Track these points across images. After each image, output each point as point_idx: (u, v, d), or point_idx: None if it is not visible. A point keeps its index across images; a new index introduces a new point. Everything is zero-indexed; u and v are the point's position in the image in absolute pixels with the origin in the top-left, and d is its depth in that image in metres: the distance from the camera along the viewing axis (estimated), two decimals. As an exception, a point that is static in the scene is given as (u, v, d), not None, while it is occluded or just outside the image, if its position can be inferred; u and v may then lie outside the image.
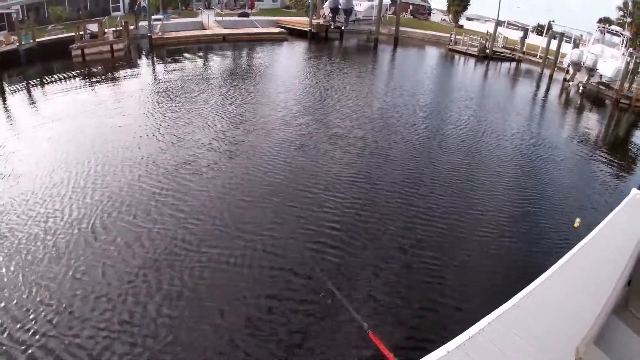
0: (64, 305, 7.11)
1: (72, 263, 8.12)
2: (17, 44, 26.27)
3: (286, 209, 10.43)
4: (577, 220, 10.83)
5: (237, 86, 22.18)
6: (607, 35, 30.44)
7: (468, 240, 9.81)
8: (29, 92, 20.73)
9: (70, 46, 27.96)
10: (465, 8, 55.67)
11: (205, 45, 34.97)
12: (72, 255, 8.37)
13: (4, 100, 19.33)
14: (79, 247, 8.63)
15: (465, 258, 9.15)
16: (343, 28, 41.39)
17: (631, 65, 26.75)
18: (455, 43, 39.45)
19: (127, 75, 24.64)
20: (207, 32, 38.02)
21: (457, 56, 37.79)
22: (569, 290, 4.92)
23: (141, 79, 23.95)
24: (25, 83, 22.44)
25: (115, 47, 30.08)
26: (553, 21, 40.01)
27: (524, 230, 10.47)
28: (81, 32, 28.83)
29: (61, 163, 12.43)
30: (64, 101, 18.74)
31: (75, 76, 23.85)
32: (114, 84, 22.54)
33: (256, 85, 22.80)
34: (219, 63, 29.55)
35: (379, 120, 17.52)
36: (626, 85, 26.66)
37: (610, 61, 27.59)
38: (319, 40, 40.31)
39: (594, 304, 4.41)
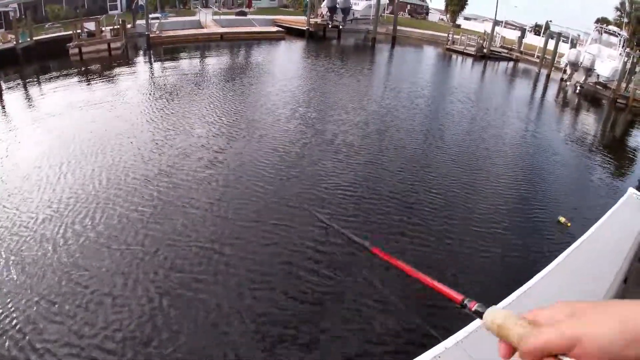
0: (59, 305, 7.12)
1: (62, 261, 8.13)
2: (15, 42, 26.21)
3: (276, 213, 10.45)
4: (561, 218, 10.90)
5: (234, 85, 22.16)
6: (605, 36, 30.51)
7: (463, 240, 9.79)
8: (26, 91, 20.71)
9: (68, 44, 27.91)
10: (462, 7, 55.83)
11: (203, 44, 34.93)
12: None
13: (1, 98, 19.31)
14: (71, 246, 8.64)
15: (461, 257, 9.16)
16: (341, 27, 41.36)
17: (628, 65, 26.89)
18: (453, 43, 39.48)
19: (125, 74, 24.62)
20: (205, 30, 38.00)
21: (454, 56, 37.83)
22: (566, 287, 4.91)
23: (138, 78, 23.95)
24: (22, 81, 22.40)
25: (112, 45, 30.04)
26: (551, 21, 40.13)
27: (519, 229, 10.48)
28: (78, 31, 28.76)
29: (56, 159, 12.43)
30: (61, 99, 18.70)
31: (72, 75, 23.82)
32: (111, 82, 22.52)
33: (253, 84, 22.77)
34: (216, 62, 29.54)
35: (375, 122, 17.36)
36: (623, 85, 26.77)
37: (607, 61, 27.71)
38: (316, 39, 40.33)
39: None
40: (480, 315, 1.06)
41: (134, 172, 11.81)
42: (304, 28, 40.76)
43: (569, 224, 10.68)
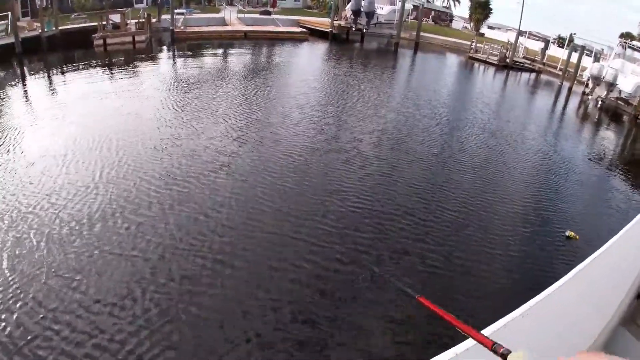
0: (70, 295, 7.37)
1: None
2: (40, 30, 26.69)
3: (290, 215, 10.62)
4: (570, 232, 10.89)
5: (254, 84, 22.36)
6: (629, 51, 30.19)
7: (477, 250, 9.85)
8: (50, 78, 21.12)
9: (93, 35, 28.34)
10: (487, 16, 55.57)
11: (227, 41, 35.25)
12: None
13: (25, 85, 19.73)
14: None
15: (474, 267, 9.22)
16: (364, 31, 41.51)
17: (651, 82, 26.62)
18: (476, 51, 39.36)
19: (148, 67, 25.01)
20: (229, 28, 38.34)
21: (477, 64, 37.70)
22: (577, 300, 4.86)
23: (161, 71, 24.28)
24: (46, 69, 22.83)
25: (137, 38, 30.43)
26: (574, 34, 39.85)
27: (534, 242, 10.49)
28: (104, 22, 29.20)
29: (75, 147, 12.79)
30: (83, 88, 19.10)
31: (96, 65, 24.22)
32: (134, 74, 22.88)
33: (273, 84, 22.99)
34: (238, 60, 29.80)
35: (392, 131, 17.29)
36: (646, 102, 26.55)
37: (630, 77, 27.42)
38: (339, 42, 40.49)
39: (602, 315, 4.47)
40: (504, 357, 1.35)
41: (148, 165, 12.08)
42: (328, 30, 40.97)
43: (577, 237, 10.70)
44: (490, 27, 56.41)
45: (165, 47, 32.21)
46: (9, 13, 25.16)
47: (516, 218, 11.52)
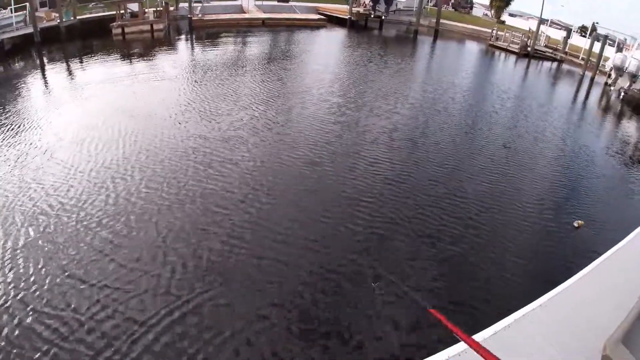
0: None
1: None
2: (58, 20, 26.97)
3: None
4: (579, 221, 10.93)
5: (272, 71, 22.46)
6: (653, 41, 29.65)
7: (498, 240, 9.97)
8: (69, 67, 21.38)
9: (111, 24, 28.65)
10: (508, 4, 54.73)
11: (244, 29, 35.31)
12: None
13: (44, 74, 19.98)
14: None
15: (495, 257, 9.31)
16: (383, 18, 41.23)
17: (676, 74, 26.10)
18: (497, 39, 38.80)
19: (167, 55, 25.18)
20: (247, 16, 38.36)
21: (497, 52, 37.21)
22: (596, 294, 5.01)
23: (180, 59, 24.45)
24: (65, 58, 23.09)
25: (155, 27, 30.70)
26: (597, 23, 39.10)
27: (555, 234, 10.52)
28: (122, 11, 29.44)
29: (97, 135, 13.20)
30: (103, 76, 19.41)
31: (115, 54, 24.50)
32: (153, 63, 23.08)
33: (290, 71, 23.06)
34: (256, 47, 29.84)
35: (409, 120, 17.41)
36: (669, 93, 26.06)
37: (654, 68, 26.89)
38: (358, 29, 40.28)
39: (624, 306, 4.53)
40: None
41: (164, 151, 12.46)
42: (346, 17, 40.76)
43: (581, 222, 10.83)
44: (511, 15, 55.60)
45: (183, 36, 32.38)
46: (27, 3, 25.45)
47: (532, 210, 11.52)
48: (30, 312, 6.72)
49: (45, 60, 22.89)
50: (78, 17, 28.81)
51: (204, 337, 6.48)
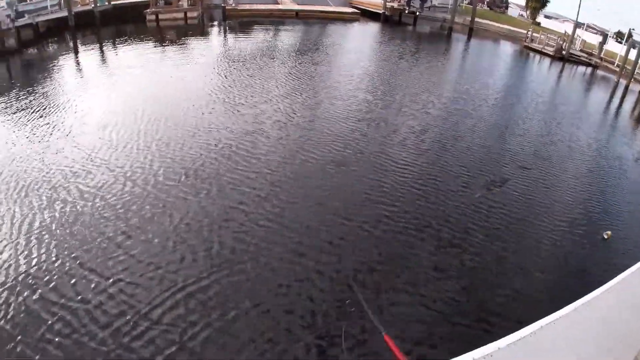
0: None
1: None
2: (92, 5, 27.48)
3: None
4: (608, 232, 10.91)
5: (302, 63, 22.78)
6: (692, 50, 29.18)
7: (527, 249, 10.11)
8: (102, 51, 21.95)
9: (145, 11, 29.10)
10: (544, 5, 53.93)
11: (277, 19, 35.53)
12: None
13: (77, 57, 20.53)
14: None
15: (523, 266, 9.48)
16: (417, 14, 41.08)
17: None
18: (532, 40, 38.41)
19: (198, 43, 25.64)
20: (280, 6, 38.57)
21: (532, 54, 36.88)
22: (622, 306, 4.98)
23: (211, 48, 24.88)
24: (98, 43, 23.65)
25: (189, 15, 31.18)
26: (633, 29, 38.46)
27: (584, 244, 10.57)
28: None
29: (128, 116, 14.21)
30: (136, 61, 20.00)
31: (147, 40, 24.99)
32: (184, 50, 23.53)
33: (321, 64, 23.34)
34: (288, 39, 30.11)
35: (442, 117, 17.64)
36: None
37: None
38: (391, 24, 40.19)
39: None
40: None
41: (187, 140, 13.09)
42: (380, 11, 40.67)
43: (610, 234, 10.81)
44: (547, 17, 54.77)
45: (216, 24, 32.83)
46: (62, -13, 26.00)
47: (562, 219, 11.53)
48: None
49: (78, 43, 23.51)
50: (113, 3, 29.35)
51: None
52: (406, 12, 41.15)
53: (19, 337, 6.41)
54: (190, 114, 14.63)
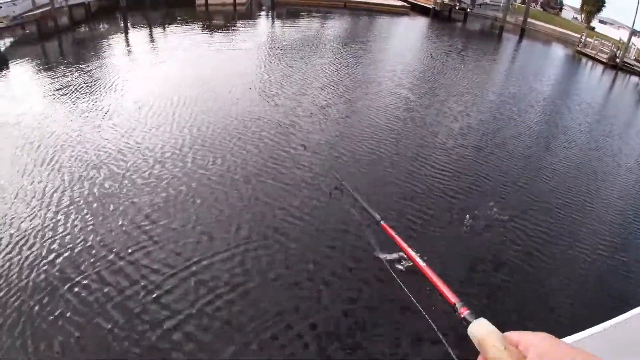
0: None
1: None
2: None
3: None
4: None
5: (346, 56, 22.59)
6: None
7: (573, 256, 9.90)
8: (151, 33, 22.27)
9: None
10: (599, 9, 52.31)
11: (325, 9, 35.40)
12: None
13: (127, 38, 20.86)
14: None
15: (570, 273, 9.36)
16: (468, 10, 40.38)
17: None
18: (585, 45, 37.33)
19: (245, 30, 25.83)
20: (329, -4, 38.34)
21: (584, 60, 35.89)
22: None
23: (256, 35, 25.04)
24: (148, 24, 23.98)
25: (238, 1, 31.24)
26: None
27: (622, 260, 10.18)
28: None
29: (174, 98, 14.56)
30: (181, 45, 20.36)
31: (196, 24, 25.35)
32: (231, 36, 23.75)
33: (365, 58, 23.05)
34: (335, 29, 30.02)
35: (484, 121, 17.10)
36: None
37: None
38: (440, 20, 39.69)
39: None
40: (467, 323, 1.08)
41: (220, 127, 13.20)
42: (430, 6, 40.22)
43: None
44: (601, 22, 53.13)
45: (264, 12, 32.95)
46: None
47: (606, 235, 11.08)
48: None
49: (129, 24, 23.85)
50: (163, -14, 29.70)
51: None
52: (457, 8, 40.54)
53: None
54: (226, 100, 14.75)
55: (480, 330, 0.97)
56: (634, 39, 37.42)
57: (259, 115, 13.99)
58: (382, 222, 1.98)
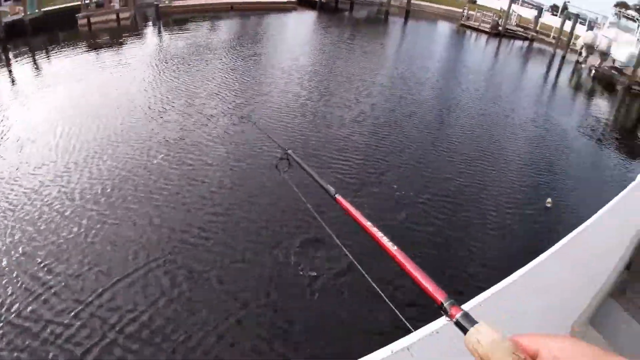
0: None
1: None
2: (23, 13, 25.97)
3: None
4: (549, 200, 10.77)
5: (240, 58, 21.68)
6: (623, 20, 29.66)
7: (470, 219, 9.69)
8: (35, 61, 20.50)
9: (76, 15, 27.68)
10: (479, -17, 54.54)
11: (213, 14, 34.39)
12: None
13: (10, 71, 19.10)
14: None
15: (462, 236, 9.04)
16: (354, -1, 40.67)
17: (646, 52, 26.27)
18: (468, 18, 38.54)
19: (132, 45, 24.27)
20: (214, 0, 37.37)
21: (468, 32, 36.97)
22: (567, 271, 4.63)
23: (145, 49, 23.55)
24: (31, 53, 22.14)
25: (121, 15, 29.77)
26: (568, 2, 39.13)
27: (525, 212, 10.32)
28: (87, 1, 28.50)
29: (61, 129, 12.46)
30: (69, 69, 18.57)
31: (79, 46, 23.54)
32: (117, 53, 22.19)
33: (258, 57, 22.29)
34: (225, 33, 29.02)
35: (378, 104, 16.57)
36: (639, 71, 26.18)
37: (624, 46, 27.02)
38: (328, 11, 39.55)
39: (592, 286, 4.38)
40: (462, 329, 0.80)
41: (130, 140, 11.75)
42: (316, -1, 40.02)
43: (551, 201, 10.68)
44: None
45: (150, 23, 31.40)
46: (-11, -1, 24.44)
47: (505, 190, 11.24)
48: None
49: (10, 56, 21.90)
50: (43, 9, 27.73)
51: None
52: (342, -3, 40.69)
53: None
54: (113, 124, 13.30)
55: (484, 342, 0.71)
56: (514, 6, 39.06)
57: (148, 136, 12.65)
58: (337, 196, 1.70)
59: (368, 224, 1.31)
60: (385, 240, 1.21)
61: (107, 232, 7.93)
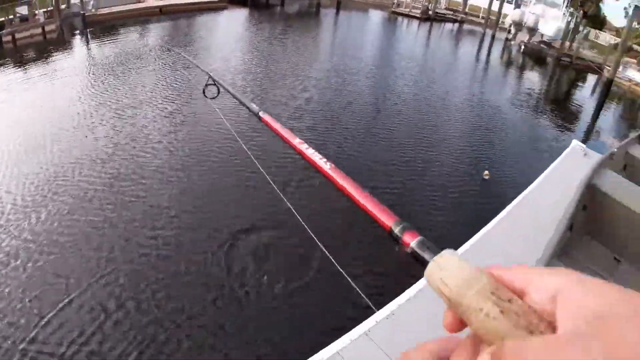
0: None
1: None
2: None
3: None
4: (486, 172, 10.91)
5: (175, 62, 20.96)
6: (549, -4, 30.56)
7: (409, 198, 9.65)
8: None
9: (0, 32, 26.28)
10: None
11: (142, 19, 33.25)
12: None
13: None
14: None
15: (408, 211, 8.92)
16: (284, -6, 40.25)
17: (572, 25, 27.12)
18: (398, 5, 38.78)
19: (61, 57, 23.12)
20: (142, 5, 36.15)
21: (400, 18, 37.20)
22: (512, 237, 5.03)
23: (74, 61, 22.46)
24: None
25: (47, 28, 28.32)
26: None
27: (465, 185, 10.44)
28: (11, 17, 27.12)
29: None
30: None
31: (7, 63, 22.20)
32: (46, 67, 21.04)
33: (184, 62, 21.54)
34: (155, 38, 27.98)
35: (316, 97, 16.28)
36: (567, 43, 26.99)
37: (551, 21, 27.85)
38: (259, 7, 38.99)
39: (538, 250, 4.50)
40: (420, 259, 0.55)
41: (68, 160, 10.95)
42: (247, -4, 39.42)
43: (488, 173, 10.84)
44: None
45: (77, 34, 30.01)
46: None
47: (442, 169, 11.28)
48: None
49: None
50: (-36, 29, 26.21)
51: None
52: (272, -7, 40.21)
53: None
54: (41, 145, 12.38)
55: (450, 282, 0.46)
56: (443, -10, 39.66)
57: (80, 155, 11.82)
58: (261, 114, 1.59)
59: (296, 141, 1.20)
60: (317, 158, 1.08)
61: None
